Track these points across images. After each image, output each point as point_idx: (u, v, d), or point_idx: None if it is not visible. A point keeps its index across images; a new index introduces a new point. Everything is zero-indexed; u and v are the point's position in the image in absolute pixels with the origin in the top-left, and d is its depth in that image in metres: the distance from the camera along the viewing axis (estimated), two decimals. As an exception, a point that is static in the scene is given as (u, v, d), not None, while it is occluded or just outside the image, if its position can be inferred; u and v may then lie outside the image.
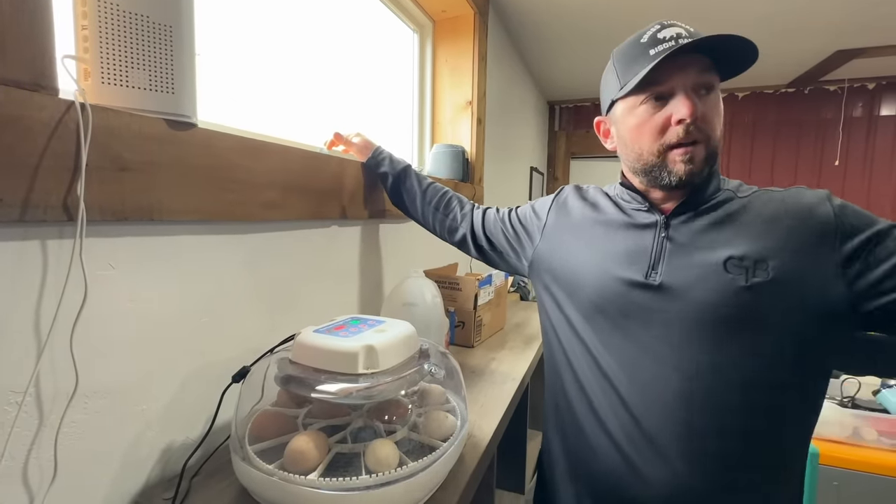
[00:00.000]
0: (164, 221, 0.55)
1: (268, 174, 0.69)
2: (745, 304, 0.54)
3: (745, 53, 0.55)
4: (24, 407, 0.43)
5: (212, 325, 0.64)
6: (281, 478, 0.48)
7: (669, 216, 0.62)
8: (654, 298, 0.59)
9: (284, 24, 0.93)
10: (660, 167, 0.60)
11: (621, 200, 0.69)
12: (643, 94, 0.59)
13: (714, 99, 0.58)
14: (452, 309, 1.14)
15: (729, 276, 0.55)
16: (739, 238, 0.56)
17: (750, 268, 0.54)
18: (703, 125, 0.56)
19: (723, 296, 0.54)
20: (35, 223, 0.43)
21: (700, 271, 0.57)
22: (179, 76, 0.53)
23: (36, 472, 0.45)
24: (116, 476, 0.53)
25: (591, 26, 1.98)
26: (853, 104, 2.68)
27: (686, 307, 0.57)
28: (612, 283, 0.63)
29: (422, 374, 0.58)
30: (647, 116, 0.59)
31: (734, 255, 0.55)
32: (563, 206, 0.77)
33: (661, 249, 0.60)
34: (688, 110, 0.55)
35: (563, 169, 3.45)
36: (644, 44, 0.58)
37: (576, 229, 0.72)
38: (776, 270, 0.53)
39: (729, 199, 0.60)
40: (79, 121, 0.44)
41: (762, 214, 0.57)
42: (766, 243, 0.55)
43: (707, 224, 0.59)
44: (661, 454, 0.58)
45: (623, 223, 0.66)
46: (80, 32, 0.48)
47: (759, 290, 0.53)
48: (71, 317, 0.46)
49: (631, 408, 0.60)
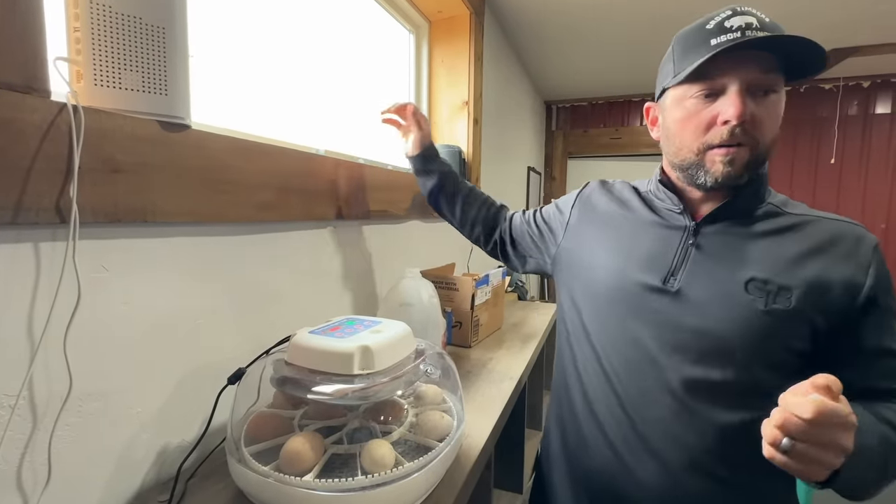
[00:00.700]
0: (158, 223, 0.55)
1: (262, 175, 0.69)
2: (759, 328, 0.52)
3: (814, 59, 0.51)
4: (17, 410, 0.43)
5: (207, 327, 0.64)
6: (277, 479, 0.47)
7: (701, 222, 0.59)
8: (668, 305, 0.57)
9: (280, 25, 0.93)
10: (697, 165, 0.57)
11: (654, 198, 0.66)
12: (695, 87, 0.55)
13: (773, 102, 0.54)
14: (449, 309, 1.14)
15: (749, 298, 0.53)
16: (769, 260, 0.54)
17: (773, 292, 0.52)
18: (751, 129, 0.52)
19: (738, 316, 0.53)
20: (27, 226, 0.43)
21: (721, 287, 0.55)
22: (172, 78, 0.52)
23: (30, 475, 0.45)
24: (111, 479, 0.52)
25: (587, 26, 1.98)
26: (848, 103, 2.69)
27: (701, 320, 0.55)
28: (628, 283, 0.61)
29: (417, 375, 0.58)
30: (694, 111, 0.55)
31: (758, 276, 0.53)
32: (588, 202, 0.76)
33: (686, 256, 0.58)
34: (735, 111, 0.51)
35: (561, 169, 3.45)
36: (708, 31, 0.53)
37: (600, 225, 0.70)
38: (799, 301, 0.52)
39: (772, 215, 0.57)
40: (71, 123, 0.44)
41: (802, 240, 0.55)
42: (796, 271, 0.53)
43: (740, 237, 0.57)
44: (655, 456, 0.58)
45: (651, 222, 0.64)
46: (73, 34, 0.48)
47: (776, 316, 0.52)
48: (64, 319, 0.46)
49: (628, 409, 0.60)
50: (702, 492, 0.56)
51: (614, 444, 0.61)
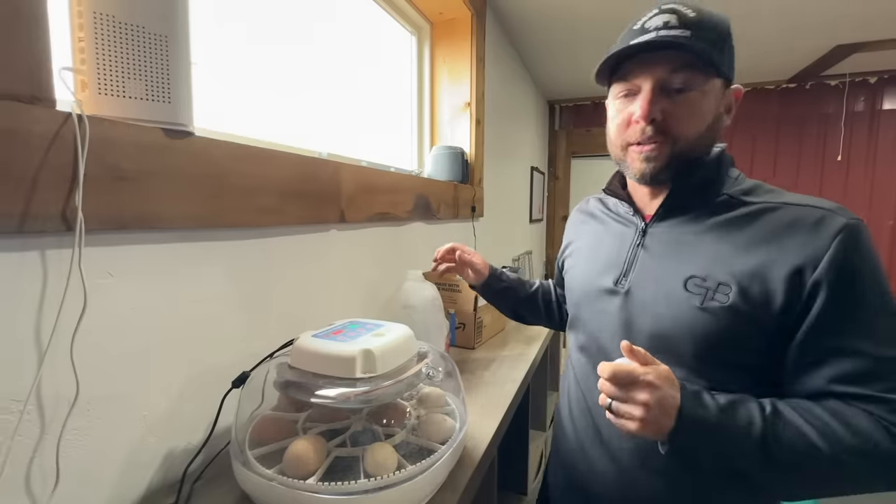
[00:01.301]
0: (162, 229, 0.56)
1: (264, 180, 0.69)
2: (700, 326, 0.50)
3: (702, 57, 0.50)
4: (25, 415, 0.44)
5: (211, 331, 0.64)
6: (281, 483, 0.48)
7: (650, 221, 0.59)
8: (620, 305, 0.58)
9: (282, 30, 0.93)
10: (623, 162, 0.59)
11: (617, 203, 0.68)
12: (618, 87, 0.56)
13: (691, 99, 0.52)
14: (453, 311, 1.14)
15: (686, 295, 0.52)
16: (711, 255, 0.52)
17: (711, 289, 0.50)
18: (665, 126, 0.52)
19: (679, 314, 0.52)
20: (34, 234, 0.44)
21: (662, 286, 0.54)
22: (175, 85, 0.53)
23: (38, 479, 0.46)
24: (118, 482, 0.53)
25: (589, 25, 1.97)
26: (855, 99, 2.66)
27: (649, 320, 0.55)
28: (591, 287, 0.64)
29: (420, 378, 0.58)
30: (617, 111, 0.57)
31: (697, 274, 0.52)
32: (572, 225, 0.79)
33: (635, 256, 0.59)
34: (641, 112, 0.52)
35: (564, 168, 3.45)
36: (634, 31, 0.54)
37: (578, 242, 0.74)
38: (737, 297, 0.48)
39: (728, 206, 0.54)
40: (76, 132, 0.44)
41: (752, 231, 0.51)
42: (737, 266, 0.50)
43: (686, 233, 0.55)
44: (614, 459, 0.59)
45: (613, 226, 0.67)
46: (77, 44, 0.48)
47: (713, 313, 0.50)
48: (71, 325, 0.47)
49: (594, 416, 0.61)
50: (653, 488, 0.56)
51: (585, 449, 0.63)
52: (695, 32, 0.50)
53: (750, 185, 0.56)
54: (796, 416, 0.45)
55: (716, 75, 0.53)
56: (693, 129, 0.53)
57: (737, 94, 0.56)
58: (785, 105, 2.79)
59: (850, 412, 0.45)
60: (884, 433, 0.43)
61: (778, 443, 0.44)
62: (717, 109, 0.54)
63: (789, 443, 0.44)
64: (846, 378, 0.46)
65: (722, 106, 0.55)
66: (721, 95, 0.54)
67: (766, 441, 0.44)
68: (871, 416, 0.44)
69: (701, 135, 0.53)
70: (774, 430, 0.45)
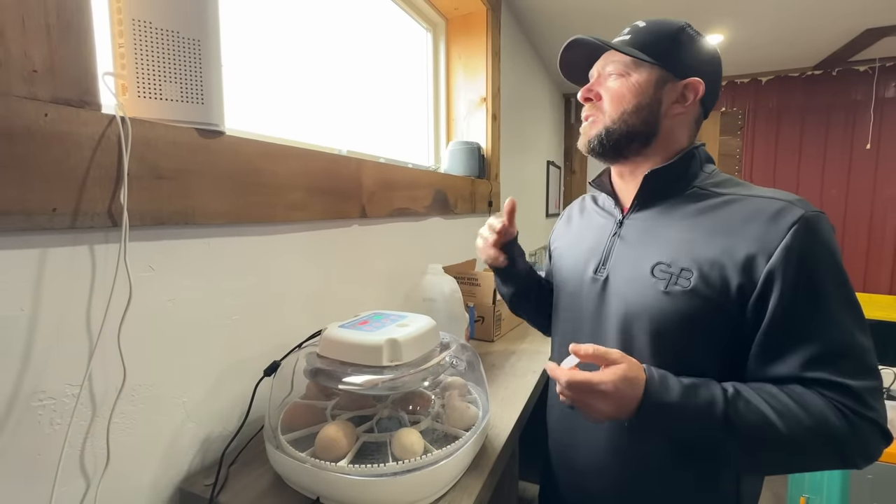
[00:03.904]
0: (198, 225, 0.59)
1: (291, 177, 0.72)
2: (664, 310, 0.53)
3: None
4: (80, 399, 0.47)
5: (243, 322, 0.67)
6: (313, 465, 0.50)
7: (627, 212, 0.63)
8: (599, 292, 0.61)
9: (302, 30, 0.96)
10: None
11: (603, 197, 0.71)
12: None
13: (619, 83, 0.58)
14: (472, 304, 1.15)
15: (652, 280, 0.54)
16: (676, 242, 0.55)
17: (675, 274, 0.53)
18: (597, 107, 0.61)
19: (646, 298, 0.54)
20: (84, 229, 0.47)
21: (633, 272, 0.57)
22: (208, 87, 0.56)
23: (91, 459, 0.49)
24: (161, 464, 0.56)
25: (605, 18, 1.95)
26: (885, 84, 2.56)
27: (621, 306, 0.57)
28: (576, 277, 0.66)
29: (443, 366, 0.60)
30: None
31: (663, 260, 0.55)
32: (563, 220, 0.80)
33: (612, 245, 0.62)
34: (580, 93, 0.62)
35: (581, 162, 3.41)
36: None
37: (568, 235, 0.75)
38: (697, 282, 0.51)
39: (697, 197, 0.57)
40: (120, 133, 0.47)
41: (717, 220, 0.53)
42: (699, 253, 0.52)
43: (658, 223, 0.58)
44: (592, 448, 0.61)
45: (597, 219, 0.69)
46: (118, 50, 0.51)
47: (675, 296, 0.52)
48: (118, 315, 0.50)
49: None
50: (632, 486, 0.58)
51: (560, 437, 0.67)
52: (633, 36, 0.58)
53: (721, 178, 0.59)
54: (757, 398, 0.48)
55: (652, 67, 0.57)
56: (616, 108, 0.59)
57: (693, 85, 0.58)
58: (810, 93, 2.70)
59: (808, 395, 0.47)
60: (838, 414, 0.46)
61: (739, 417, 0.47)
62: (652, 94, 0.58)
63: (750, 422, 0.47)
64: (804, 365, 0.48)
65: (663, 93, 0.58)
66: (661, 84, 0.58)
67: (728, 418, 0.47)
68: (825, 398, 0.47)
69: (624, 112, 0.58)
70: (736, 409, 0.47)
